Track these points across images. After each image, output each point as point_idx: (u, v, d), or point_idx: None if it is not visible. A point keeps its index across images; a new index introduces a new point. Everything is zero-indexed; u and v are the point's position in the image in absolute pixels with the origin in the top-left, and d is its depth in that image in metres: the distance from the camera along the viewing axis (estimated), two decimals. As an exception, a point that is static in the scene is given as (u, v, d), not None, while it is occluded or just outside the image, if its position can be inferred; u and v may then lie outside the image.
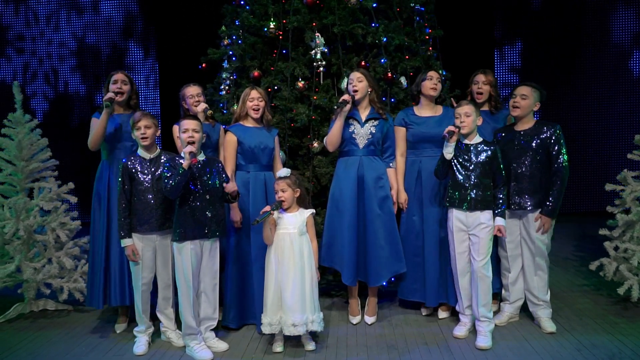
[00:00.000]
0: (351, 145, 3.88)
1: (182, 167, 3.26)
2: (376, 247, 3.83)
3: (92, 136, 3.79)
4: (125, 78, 3.90)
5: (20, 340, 3.78)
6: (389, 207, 3.87)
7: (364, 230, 3.86)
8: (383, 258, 3.83)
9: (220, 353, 3.48)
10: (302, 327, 3.38)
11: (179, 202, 3.40)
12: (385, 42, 4.55)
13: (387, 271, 3.87)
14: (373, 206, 3.83)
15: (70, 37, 8.55)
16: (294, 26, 4.51)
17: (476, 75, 4.03)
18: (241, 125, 3.84)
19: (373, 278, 3.87)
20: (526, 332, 3.70)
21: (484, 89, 3.99)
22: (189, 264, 3.38)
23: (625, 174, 4.29)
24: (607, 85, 8.02)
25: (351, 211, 3.81)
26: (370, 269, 3.86)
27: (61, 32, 8.53)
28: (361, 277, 3.93)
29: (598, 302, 4.31)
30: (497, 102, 4.06)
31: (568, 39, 8.04)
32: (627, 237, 4.22)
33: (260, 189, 3.80)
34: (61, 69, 8.59)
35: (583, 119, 8.04)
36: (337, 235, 3.84)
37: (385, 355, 3.41)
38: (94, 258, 3.88)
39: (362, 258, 3.88)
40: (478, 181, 3.55)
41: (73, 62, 8.61)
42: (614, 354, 3.32)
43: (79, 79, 8.62)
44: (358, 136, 3.85)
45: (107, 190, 3.83)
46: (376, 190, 3.84)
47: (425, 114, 3.97)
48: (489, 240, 3.56)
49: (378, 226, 3.83)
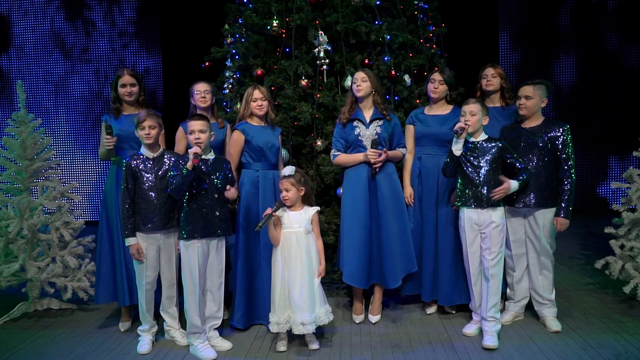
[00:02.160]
0: (359, 147, 3.86)
1: (185, 168, 3.26)
2: (391, 247, 3.81)
3: (101, 155, 3.90)
4: (133, 80, 3.89)
5: (24, 339, 3.79)
6: (401, 205, 3.86)
7: (377, 231, 3.83)
8: (397, 258, 3.82)
9: (224, 352, 3.47)
10: (311, 325, 3.37)
11: (187, 200, 3.40)
12: (389, 40, 4.53)
13: (402, 271, 3.86)
14: (387, 205, 3.81)
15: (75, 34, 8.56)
16: (297, 24, 4.50)
17: (485, 69, 4.01)
18: (248, 124, 3.83)
19: (391, 280, 3.84)
20: (531, 331, 3.68)
21: (494, 82, 3.96)
22: (196, 262, 3.37)
23: (631, 171, 4.26)
24: (613, 80, 7.97)
25: (364, 213, 3.79)
26: (387, 270, 3.83)
27: (65, 29, 8.54)
28: (377, 280, 3.91)
29: (604, 300, 4.28)
30: (509, 95, 4.00)
31: (572, 34, 8.01)
32: (633, 236, 4.20)
33: (269, 187, 3.79)
34: (64, 66, 8.61)
35: (589, 115, 8.00)
36: (350, 237, 3.81)
37: (389, 355, 3.40)
38: (101, 258, 3.91)
39: (377, 260, 3.86)
40: (488, 177, 3.53)
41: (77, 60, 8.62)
42: (620, 353, 3.30)
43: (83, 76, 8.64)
44: (364, 138, 3.83)
45: (115, 190, 3.84)
46: (389, 189, 3.82)
47: (433, 112, 3.98)
48: (501, 239, 3.54)
49: (392, 226, 3.81)
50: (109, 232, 3.89)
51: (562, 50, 8.04)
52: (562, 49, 8.04)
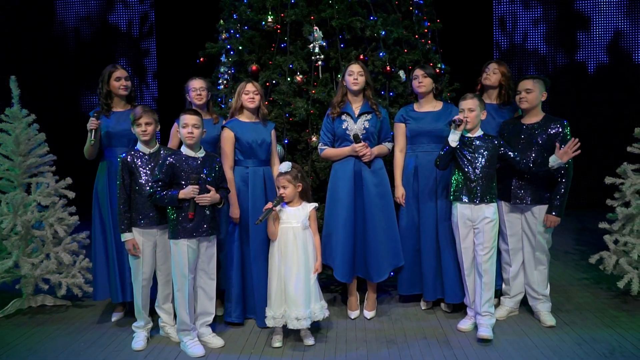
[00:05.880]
0: (346, 141, 3.86)
1: (176, 196, 3.29)
2: (377, 242, 3.82)
3: (86, 152, 3.87)
4: (126, 74, 3.92)
5: (19, 336, 3.77)
6: (388, 200, 3.86)
7: (363, 225, 3.84)
8: (383, 253, 3.83)
9: (218, 349, 3.47)
10: (306, 320, 3.38)
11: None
12: (384, 36, 4.52)
13: (388, 265, 3.86)
14: (373, 201, 3.81)
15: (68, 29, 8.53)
16: (292, 20, 4.49)
17: (489, 63, 4.00)
18: (238, 121, 3.82)
19: (375, 274, 3.86)
20: (526, 326, 3.70)
21: (492, 77, 3.95)
22: (186, 260, 3.37)
23: (625, 167, 4.27)
24: (608, 76, 7.99)
25: (348, 207, 3.79)
26: (371, 265, 3.85)
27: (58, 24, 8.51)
28: (361, 274, 3.92)
29: (598, 295, 4.30)
30: (508, 94, 3.97)
31: (568, 30, 8.02)
32: (627, 231, 4.21)
33: (259, 184, 3.78)
34: (56, 61, 8.57)
35: (583, 110, 8.01)
36: (334, 232, 3.83)
37: (384, 350, 3.41)
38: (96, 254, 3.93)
39: (361, 254, 3.87)
40: (483, 173, 3.53)
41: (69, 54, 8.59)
42: (613, 348, 3.31)
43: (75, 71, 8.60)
44: (352, 132, 3.82)
45: (107, 186, 3.84)
46: (375, 184, 3.82)
47: (424, 109, 3.95)
48: (494, 235, 3.55)
49: (378, 221, 3.82)
50: (102, 230, 3.90)
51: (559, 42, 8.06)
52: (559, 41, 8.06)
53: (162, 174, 3.34)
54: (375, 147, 3.86)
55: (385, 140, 3.95)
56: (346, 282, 3.90)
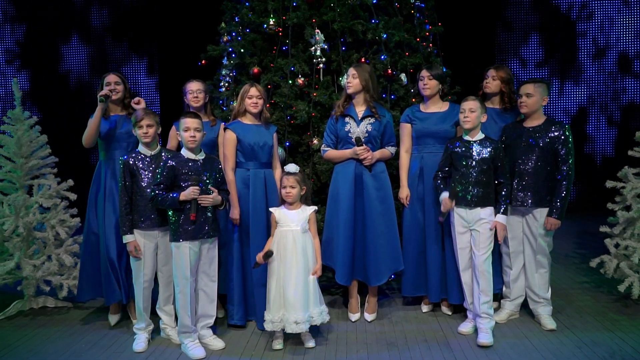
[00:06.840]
0: (348, 144, 3.86)
1: (177, 198, 3.30)
2: (376, 246, 3.82)
3: (86, 132, 3.84)
4: (117, 79, 3.94)
5: (20, 338, 3.78)
6: (389, 204, 3.86)
7: (363, 229, 3.84)
8: (382, 257, 3.82)
9: (219, 351, 3.47)
10: (304, 324, 3.37)
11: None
12: (386, 39, 4.53)
13: (387, 270, 3.86)
14: (373, 204, 3.81)
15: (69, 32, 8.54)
16: (293, 23, 4.50)
17: (488, 69, 4.00)
18: (240, 123, 3.83)
19: (374, 278, 3.86)
20: (526, 330, 3.70)
21: (492, 85, 3.95)
22: (188, 262, 3.37)
23: (626, 170, 4.27)
24: (609, 80, 7.99)
25: (348, 210, 3.80)
26: (370, 268, 3.85)
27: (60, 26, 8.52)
28: (360, 277, 3.92)
29: (598, 299, 4.30)
30: (510, 100, 3.95)
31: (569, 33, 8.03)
32: (627, 234, 4.21)
33: (260, 186, 3.79)
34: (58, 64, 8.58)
35: (584, 114, 8.01)
36: (334, 234, 3.83)
37: (385, 353, 3.41)
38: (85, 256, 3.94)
39: (360, 257, 3.87)
40: (479, 178, 3.54)
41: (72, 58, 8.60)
42: (614, 352, 3.31)
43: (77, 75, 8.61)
44: (354, 134, 3.83)
45: (103, 189, 3.85)
46: (376, 188, 3.83)
47: (430, 110, 3.96)
48: (490, 236, 3.55)
49: (378, 224, 3.81)
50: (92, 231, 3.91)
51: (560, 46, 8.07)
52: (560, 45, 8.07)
53: (163, 177, 3.35)
54: (377, 151, 3.86)
55: (389, 144, 3.95)
56: (345, 284, 3.90)
